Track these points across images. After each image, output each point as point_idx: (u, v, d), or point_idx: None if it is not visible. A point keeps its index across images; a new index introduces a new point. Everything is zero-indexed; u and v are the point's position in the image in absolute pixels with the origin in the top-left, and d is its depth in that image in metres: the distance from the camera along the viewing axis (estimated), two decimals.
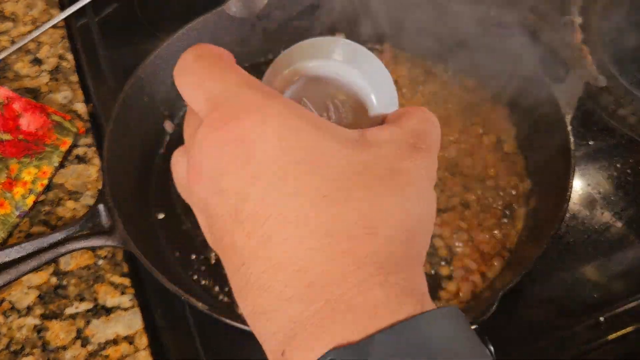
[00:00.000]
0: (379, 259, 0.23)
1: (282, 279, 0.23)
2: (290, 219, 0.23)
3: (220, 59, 0.28)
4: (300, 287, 0.23)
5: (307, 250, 0.23)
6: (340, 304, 0.22)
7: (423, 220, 0.26)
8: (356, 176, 0.24)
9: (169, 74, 0.63)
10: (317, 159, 0.24)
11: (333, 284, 0.22)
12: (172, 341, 0.49)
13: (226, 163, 0.25)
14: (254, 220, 0.24)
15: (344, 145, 0.25)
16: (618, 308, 0.50)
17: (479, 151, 0.60)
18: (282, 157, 0.24)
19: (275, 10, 0.66)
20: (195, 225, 0.56)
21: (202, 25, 0.63)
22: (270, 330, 0.23)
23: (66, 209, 0.55)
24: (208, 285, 0.53)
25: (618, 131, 0.62)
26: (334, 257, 0.23)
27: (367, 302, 0.22)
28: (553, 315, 0.51)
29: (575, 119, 0.63)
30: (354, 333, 0.21)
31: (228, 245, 0.25)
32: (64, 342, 0.47)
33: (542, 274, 0.53)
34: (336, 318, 0.22)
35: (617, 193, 0.58)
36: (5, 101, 0.57)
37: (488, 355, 0.23)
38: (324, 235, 0.23)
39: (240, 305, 0.25)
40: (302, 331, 0.22)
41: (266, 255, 0.24)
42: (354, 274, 0.22)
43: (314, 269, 0.23)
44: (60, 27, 0.69)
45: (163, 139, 0.63)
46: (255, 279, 0.24)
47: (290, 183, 0.24)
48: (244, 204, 0.24)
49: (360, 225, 0.23)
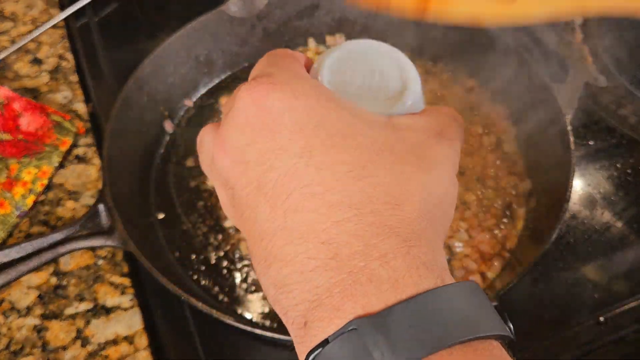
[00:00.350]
0: (402, 233, 0.23)
1: (306, 251, 0.23)
2: (316, 192, 0.24)
3: (289, 55, 0.29)
4: (325, 259, 0.23)
5: (332, 222, 0.23)
6: (362, 276, 0.22)
7: (445, 202, 0.27)
8: (382, 154, 0.25)
9: (169, 73, 0.64)
10: (345, 135, 0.25)
11: (357, 256, 0.23)
12: (172, 341, 0.49)
13: (253, 133, 0.25)
14: (279, 192, 0.24)
15: (370, 126, 0.26)
16: (618, 308, 0.50)
17: (479, 151, 0.60)
18: (310, 131, 0.25)
19: (275, 10, 0.66)
20: (195, 225, 0.57)
21: (202, 25, 0.63)
22: (292, 302, 0.24)
23: (66, 209, 0.55)
24: (208, 285, 0.53)
25: (618, 131, 0.62)
26: (359, 230, 0.23)
27: (389, 274, 0.22)
28: (553, 315, 0.51)
29: (575, 119, 0.63)
30: (375, 304, 0.22)
31: (250, 218, 0.25)
32: (64, 342, 0.47)
33: (542, 274, 0.53)
34: (358, 289, 0.22)
35: (618, 193, 0.58)
36: (5, 101, 0.57)
37: (507, 329, 0.23)
38: (349, 208, 0.23)
39: (261, 278, 0.25)
40: (325, 302, 0.23)
41: (290, 227, 0.24)
42: (377, 246, 0.23)
43: (339, 240, 0.23)
44: (60, 27, 0.69)
45: (163, 138, 0.63)
46: (278, 251, 0.24)
47: (317, 157, 0.24)
48: (268, 176, 0.25)
49: (385, 200, 0.24)
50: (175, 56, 0.62)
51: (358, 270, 0.22)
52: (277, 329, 0.50)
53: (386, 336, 0.21)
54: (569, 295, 0.52)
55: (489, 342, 0.22)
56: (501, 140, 0.61)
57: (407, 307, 0.22)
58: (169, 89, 0.63)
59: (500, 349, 0.22)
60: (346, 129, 0.25)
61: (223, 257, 0.55)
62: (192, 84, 0.66)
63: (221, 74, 0.67)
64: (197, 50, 0.64)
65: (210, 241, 0.56)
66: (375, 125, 0.26)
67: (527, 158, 0.59)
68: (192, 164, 0.61)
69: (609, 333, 0.49)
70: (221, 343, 0.49)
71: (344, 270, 0.23)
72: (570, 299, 0.52)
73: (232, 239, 0.56)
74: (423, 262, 0.23)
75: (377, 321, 0.21)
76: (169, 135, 0.63)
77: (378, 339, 0.21)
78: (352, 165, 0.24)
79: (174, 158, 0.62)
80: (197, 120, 0.64)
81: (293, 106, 0.25)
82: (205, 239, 0.56)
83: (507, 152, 0.60)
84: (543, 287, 0.52)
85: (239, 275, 0.54)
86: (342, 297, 0.22)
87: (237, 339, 0.49)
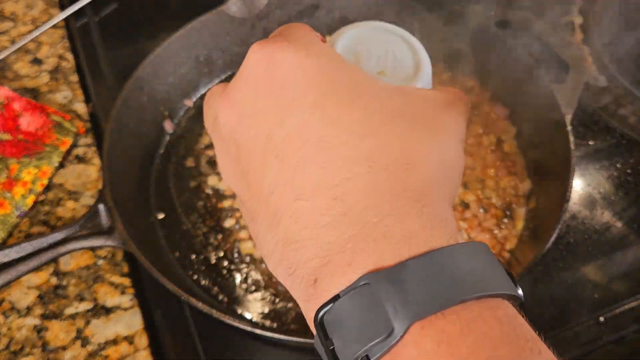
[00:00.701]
0: (415, 192, 0.23)
1: (318, 205, 0.23)
2: (328, 146, 0.23)
3: (304, 26, 0.29)
4: (337, 214, 0.23)
5: (345, 178, 0.23)
6: (375, 231, 0.22)
7: (454, 168, 0.26)
8: (394, 116, 0.25)
9: (169, 73, 0.64)
10: (357, 95, 0.25)
11: (370, 211, 0.22)
12: (172, 341, 0.49)
13: (263, 87, 0.25)
14: (290, 146, 0.24)
15: (382, 90, 0.26)
16: (618, 308, 0.50)
17: (479, 151, 0.60)
18: (323, 88, 0.24)
19: (275, 10, 0.66)
20: (195, 225, 0.57)
21: (202, 25, 0.63)
22: (302, 259, 0.23)
23: (66, 209, 0.55)
24: (208, 285, 0.53)
25: (618, 131, 0.62)
26: (372, 186, 0.23)
27: (403, 230, 0.22)
28: (553, 315, 0.50)
29: (575, 119, 0.63)
30: (388, 259, 0.22)
31: (257, 174, 0.25)
32: (64, 342, 0.47)
33: (542, 274, 0.53)
34: (371, 245, 0.22)
35: (618, 193, 0.58)
36: (5, 101, 0.57)
37: (515, 289, 0.23)
38: (363, 164, 0.23)
39: (266, 237, 0.25)
40: (336, 257, 0.22)
41: (301, 181, 0.23)
42: (391, 203, 0.23)
43: (352, 196, 0.23)
44: (60, 27, 0.69)
45: (163, 138, 0.63)
46: (287, 206, 0.24)
47: (330, 111, 0.24)
48: (278, 129, 0.24)
49: (398, 159, 0.24)
50: (175, 56, 0.62)
51: (371, 225, 0.22)
52: (277, 329, 0.50)
53: (399, 290, 0.21)
54: (569, 295, 0.52)
55: (501, 300, 0.22)
56: (501, 140, 0.61)
57: (421, 262, 0.21)
58: (169, 89, 0.63)
59: (512, 308, 0.22)
60: (358, 90, 0.25)
61: (223, 257, 0.55)
62: (192, 84, 0.66)
63: (221, 74, 0.67)
64: (197, 50, 0.64)
65: (210, 241, 0.56)
66: (386, 90, 0.26)
67: (527, 158, 0.59)
68: (192, 164, 0.61)
69: (609, 333, 0.49)
70: (221, 343, 0.49)
71: (357, 226, 0.22)
72: (570, 299, 0.52)
73: (232, 239, 0.56)
74: (436, 222, 0.23)
75: (390, 275, 0.21)
76: (169, 135, 0.63)
77: (391, 293, 0.21)
78: (365, 124, 0.24)
79: (174, 158, 0.62)
80: (197, 120, 0.64)
81: (305, 63, 0.25)
82: (205, 239, 0.56)
83: (507, 152, 0.60)
84: (543, 287, 0.52)
85: (239, 275, 0.54)
86: (354, 253, 0.22)
87: (237, 339, 0.49)
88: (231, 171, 0.27)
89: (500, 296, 0.22)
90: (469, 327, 0.20)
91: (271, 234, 0.24)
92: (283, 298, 0.52)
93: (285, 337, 0.44)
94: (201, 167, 0.61)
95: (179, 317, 0.49)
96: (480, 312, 0.21)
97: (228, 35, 0.66)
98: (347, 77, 0.25)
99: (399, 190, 0.23)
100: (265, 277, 0.53)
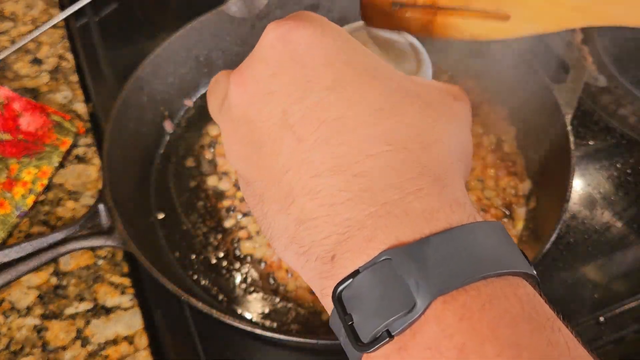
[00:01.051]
0: (434, 171, 0.23)
1: (337, 182, 0.23)
2: (347, 125, 0.23)
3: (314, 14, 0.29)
4: (357, 190, 0.23)
5: (366, 156, 0.23)
6: (396, 208, 0.22)
7: (466, 151, 0.27)
8: (410, 98, 0.25)
9: (169, 73, 0.64)
10: (374, 76, 0.25)
11: (391, 189, 0.23)
12: (172, 341, 0.49)
13: (279, 65, 0.25)
14: (307, 124, 0.24)
15: (396, 73, 0.26)
16: (618, 308, 0.50)
17: (479, 151, 0.60)
18: (340, 66, 0.24)
19: (275, 10, 0.66)
20: (195, 225, 0.57)
21: (202, 25, 0.63)
22: (318, 237, 0.23)
23: (66, 209, 0.55)
24: (208, 285, 0.53)
25: (618, 131, 0.62)
26: (393, 164, 0.23)
27: (424, 208, 0.22)
28: None
29: (575, 119, 0.63)
30: (409, 235, 0.22)
31: (272, 153, 0.25)
32: (64, 342, 0.47)
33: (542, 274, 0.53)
34: (392, 221, 0.22)
35: (618, 193, 0.58)
36: (5, 101, 0.57)
37: (530, 267, 0.23)
38: (383, 143, 0.23)
39: (276, 219, 0.25)
40: (356, 233, 0.22)
41: (319, 159, 0.23)
42: (412, 181, 0.23)
43: (372, 173, 0.23)
44: (60, 27, 0.69)
45: (163, 138, 0.63)
46: (303, 184, 0.23)
47: (348, 91, 0.24)
48: (295, 107, 0.24)
49: (416, 139, 0.24)
50: (175, 56, 0.62)
51: (392, 202, 0.22)
52: (277, 329, 0.50)
53: (421, 266, 0.21)
54: (569, 295, 0.52)
55: (520, 279, 0.22)
56: (501, 140, 0.61)
57: (442, 239, 0.21)
58: (169, 89, 0.63)
59: (531, 287, 0.22)
60: (374, 71, 0.25)
61: (223, 257, 0.55)
62: (192, 84, 0.66)
63: None
64: (197, 50, 0.64)
65: (210, 241, 0.56)
66: (399, 75, 0.26)
67: (527, 158, 0.59)
68: (192, 164, 0.61)
69: (609, 333, 0.49)
70: (221, 343, 0.49)
71: (378, 202, 0.22)
72: (570, 299, 0.52)
73: (232, 239, 0.56)
74: (456, 200, 0.23)
75: (412, 251, 0.21)
76: (169, 135, 0.63)
77: (412, 269, 0.21)
78: (383, 104, 0.24)
79: (174, 158, 0.62)
80: (197, 120, 0.64)
81: (322, 42, 0.25)
82: (205, 239, 0.56)
83: (507, 152, 0.60)
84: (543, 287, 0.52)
85: (239, 275, 0.54)
86: (375, 229, 0.22)
87: (237, 339, 0.49)
88: (239, 152, 0.27)
89: (520, 275, 0.22)
90: (491, 303, 0.20)
91: (283, 214, 0.24)
92: (283, 298, 0.52)
93: (285, 337, 0.44)
94: (201, 167, 0.61)
95: (179, 317, 0.49)
96: (502, 288, 0.21)
97: (228, 35, 0.66)
98: (364, 58, 0.25)
99: (419, 170, 0.23)
100: (264, 278, 0.53)
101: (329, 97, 0.24)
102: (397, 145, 0.23)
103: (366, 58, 0.26)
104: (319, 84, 0.24)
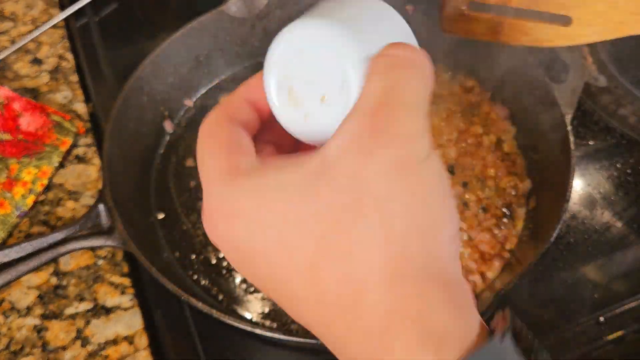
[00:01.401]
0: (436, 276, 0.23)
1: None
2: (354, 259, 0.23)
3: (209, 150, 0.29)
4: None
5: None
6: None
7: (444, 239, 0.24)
8: (345, 224, 0.22)
9: (169, 73, 0.63)
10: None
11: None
12: (172, 341, 0.48)
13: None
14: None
15: (301, 195, 0.22)
16: (618, 308, 0.50)
17: (479, 151, 0.60)
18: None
19: (275, 10, 0.66)
20: (195, 226, 0.57)
21: (202, 25, 0.63)
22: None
23: (66, 209, 0.55)
24: (208, 285, 0.53)
25: (618, 131, 0.62)
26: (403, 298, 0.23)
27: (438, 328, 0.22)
28: (553, 315, 0.50)
29: (575, 119, 0.63)
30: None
31: (284, 297, 0.27)
32: (64, 342, 0.47)
33: (542, 274, 0.53)
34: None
35: (618, 193, 0.58)
36: (5, 101, 0.57)
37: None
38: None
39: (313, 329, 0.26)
40: None
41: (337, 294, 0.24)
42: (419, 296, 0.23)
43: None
44: (60, 27, 0.69)
45: (163, 138, 0.63)
46: (328, 314, 0.25)
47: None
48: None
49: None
50: (175, 56, 0.62)
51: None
52: (277, 329, 0.50)
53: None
54: (569, 295, 0.52)
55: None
56: (501, 140, 0.61)
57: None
58: (169, 89, 0.63)
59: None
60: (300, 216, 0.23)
61: (223, 257, 0.55)
62: (192, 84, 0.66)
63: (221, 74, 0.67)
64: (197, 50, 0.64)
65: (210, 241, 0.56)
66: (304, 184, 0.22)
67: (527, 158, 0.59)
68: (192, 164, 0.61)
69: (609, 333, 0.49)
70: (221, 343, 0.49)
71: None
72: (570, 299, 0.52)
73: None
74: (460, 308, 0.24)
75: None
76: (169, 135, 0.63)
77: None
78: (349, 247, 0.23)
79: (174, 158, 0.62)
80: (197, 120, 0.64)
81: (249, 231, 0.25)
82: (205, 239, 0.56)
83: (507, 152, 0.60)
84: (543, 287, 0.52)
85: (239, 275, 0.53)
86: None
87: (237, 339, 0.49)
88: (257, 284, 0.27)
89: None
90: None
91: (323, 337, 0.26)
92: None
93: (285, 337, 0.44)
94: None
95: (179, 317, 0.49)
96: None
97: (228, 35, 0.66)
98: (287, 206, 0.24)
99: (425, 281, 0.23)
100: None
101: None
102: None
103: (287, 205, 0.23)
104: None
